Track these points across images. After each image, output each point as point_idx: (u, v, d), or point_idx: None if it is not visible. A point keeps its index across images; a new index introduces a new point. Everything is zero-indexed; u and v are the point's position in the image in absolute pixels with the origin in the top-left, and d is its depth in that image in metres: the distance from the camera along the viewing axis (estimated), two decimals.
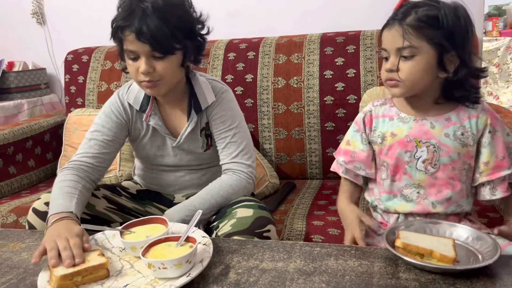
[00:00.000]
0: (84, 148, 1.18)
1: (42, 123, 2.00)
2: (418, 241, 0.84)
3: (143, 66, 1.07)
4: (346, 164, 1.08)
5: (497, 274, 0.78)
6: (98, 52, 2.07)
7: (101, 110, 1.25)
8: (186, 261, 0.80)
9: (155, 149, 1.26)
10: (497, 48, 4.09)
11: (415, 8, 0.96)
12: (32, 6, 2.36)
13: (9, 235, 1.08)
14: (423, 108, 1.03)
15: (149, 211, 1.28)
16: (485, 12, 3.92)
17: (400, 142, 1.02)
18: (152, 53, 1.07)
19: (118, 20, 1.08)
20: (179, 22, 1.07)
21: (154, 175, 1.32)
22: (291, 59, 1.76)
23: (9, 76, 2.25)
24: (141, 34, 1.03)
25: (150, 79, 1.09)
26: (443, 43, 0.94)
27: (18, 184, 1.85)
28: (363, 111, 1.10)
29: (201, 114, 1.22)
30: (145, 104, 1.22)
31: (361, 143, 1.08)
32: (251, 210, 1.05)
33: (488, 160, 1.00)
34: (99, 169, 1.18)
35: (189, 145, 1.24)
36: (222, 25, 2.05)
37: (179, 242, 0.86)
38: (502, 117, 1.47)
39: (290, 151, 1.77)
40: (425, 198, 1.02)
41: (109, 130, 1.20)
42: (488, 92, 4.20)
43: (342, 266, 0.84)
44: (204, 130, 1.24)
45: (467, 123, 1.00)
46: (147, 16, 1.03)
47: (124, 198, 1.27)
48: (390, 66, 0.97)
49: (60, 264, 0.84)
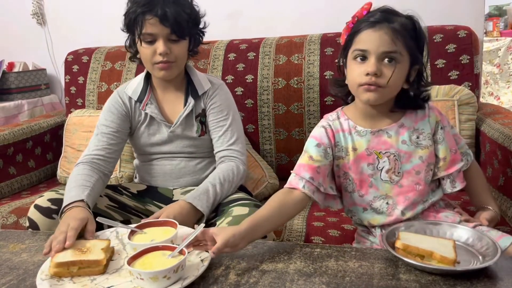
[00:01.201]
0: (93, 142, 1.27)
1: (42, 124, 2.00)
2: (418, 242, 0.84)
3: (161, 47, 1.19)
4: (313, 181, 0.99)
5: (498, 275, 0.78)
6: (98, 53, 2.07)
7: (102, 109, 1.33)
8: (163, 276, 0.77)
9: (151, 136, 1.33)
10: (498, 48, 4.09)
11: (395, 15, 0.95)
12: (33, 6, 2.35)
13: (9, 236, 1.08)
14: (378, 119, 1.02)
15: (149, 209, 1.30)
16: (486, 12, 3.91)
17: (361, 155, 1.02)
18: (169, 36, 1.20)
19: (139, 7, 1.18)
20: (191, 12, 1.23)
21: (151, 166, 1.36)
22: (291, 60, 1.76)
23: (9, 77, 2.25)
24: (164, 18, 1.16)
25: (167, 59, 1.20)
26: (416, 55, 0.96)
27: (18, 184, 1.85)
28: (321, 126, 1.05)
29: (197, 100, 1.31)
30: (142, 94, 1.31)
31: (325, 158, 1.02)
32: (246, 209, 1.09)
33: (445, 156, 1.02)
34: (110, 160, 1.26)
35: (183, 130, 1.31)
36: (222, 26, 2.06)
37: (172, 253, 0.83)
38: (503, 118, 1.47)
39: (290, 151, 1.77)
40: (395, 208, 1.02)
41: (112, 122, 1.29)
42: (489, 92, 4.20)
43: (342, 267, 0.83)
44: (199, 117, 1.32)
45: (419, 124, 1.02)
46: (168, 2, 1.17)
47: (126, 196, 1.30)
48: (374, 69, 0.92)
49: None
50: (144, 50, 1.22)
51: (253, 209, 1.08)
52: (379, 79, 0.93)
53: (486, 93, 4.19)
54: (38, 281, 0.82)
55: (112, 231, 1.03)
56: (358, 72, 0.95)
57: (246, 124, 1.78)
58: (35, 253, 0.98)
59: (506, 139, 1.28)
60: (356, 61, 0.96)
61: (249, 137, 1.79)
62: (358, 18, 0.97)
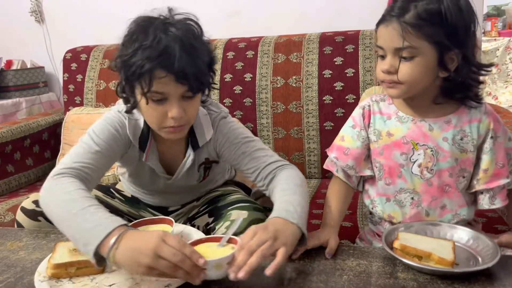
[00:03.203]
0: (86, 157, 1.00)
1: (40, 122, 1.99)
2: (417, 243, 0.83)
3: (175, 110, 0.92)
4: (337, 161, 1.01)
5: (496, 275, 0.78)
6: (97, 51, 2.06)
7: (101, 120, 1.08)
8: (227, 262, 0.77)
9: (148, 180, 1.17)
10: (496, 48, 4.10)
11: (414, 2, 0.87)
12: (31, 4, 2.35)
13: (7, 234, 1.08)
14: (422, 109, 0.95)
15: (143, 215, 1.23)
16: (484, 12, 3.93)
17: (396, 143, 0.97)
18: (185, 94, 0.93)
19: (149, 60, 0.88)
20: (210, 60, 0.97)
21: (144, 195, 1.26)
22: (290, 59, 1.76)
23: (7, 75, 2.24)
24: (182, 76, 0.89)
25: (180, 123, 0.96)
26: (444, 42, 0.86)
27: (16, 182, 1.85)
28: (361, 106, 1.04)
29: (199, 150, 1.11)
30: (143, 143, 1.08)
31: (357, 139, 1.00)
32: (245, 212, 1.05)
33: (487, 168, 0.93)
34: (96, 181, 1.03)
35: (184, 182, 1.16)
36: (221, 24, 2.06)
37: (220, 243, 0.83)
38: (501, 117, 1.46)
39: (289, 150, 1.77)
40: (419, 205, 0.97)
41: (108, 145, 1.03)
42: (487, 92, 4.21)
43: (340, 266, 0.83)
44: (203, 164, 1.15)
45: (467, 127, 0.93)
46: (185, 53, 0.88)
47: (118, 200, 1.23)
48: (387, 68, 0.90)
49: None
50: (150, 110, 0.95)
51: (252, 212, 1.05)
52: (394, 76, 0.90)
53: (484, 93, 4.19)
54: (37, 282, 0.81)
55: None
56: (378, 69, 0.94)
57: (245, 123, 1.78)
58: (32, 251, 0.97)
59: None
60: (379, 57, 0.95)
61: None
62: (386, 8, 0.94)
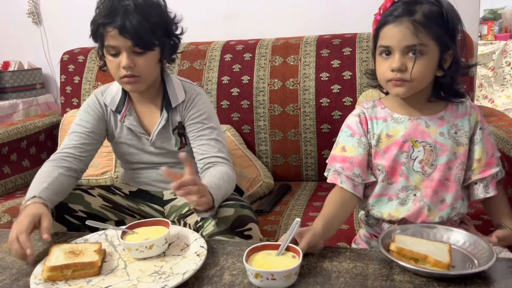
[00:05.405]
0: (65, 141, 1.23)
1: (37, 123, 1.99)
2: (413, 245, 0.84)
3: (124, 61, 1.12)
4: (343, 171, 1.01)
5: (492, 277, 0.78)
6: (94, 53, 2.06)
7: (79, 109, 1.30)
8: (295, 273, 0.78)
9: (132, 148, 1.29)
10: (492, 51, 4.12)
11: (418, 4, 0.93)
12: (28, 5, 2.35)
13: (3, 235, 1.08)
14: (417, 108, 1.01)
15: (142, 209, 1.30)
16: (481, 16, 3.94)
17: (396, 143, 1.00)
18: (133, 49, 1.12)
19: (100, 18, 1.12)
20: (158, 20, 1.14)
21: (136, 174, 1.34)
22: (287, 61, 1.77)
23: (4, 76, 2.24)
24: (124, 30, 1.09)
25: (131, 73, 1.14)
26: (447, 42, 0.93)
27: (12, 184, 1.84)
28: (355, 114, 1.06)
29: (172, 112, 1.25)
30: (120, 105, 1.26)
31: (359, 146, 1.02)
32: (232, 209, 1.07)
33: (480, 157, 1.00)
34: (81, 159, 1.21)
35: (162, 143, 1.27)
36: (218, 27, 2.07)
37: (279, 251, 0.83)
38: (497, 120, 1.48)
39: (286, 152, 1.77)
40: (421, 201, 0.99)
41: (88, 122, 1.24)
42: (483, 95, 4.22)
43: (337, 268, 0.84)
44: (177, 129, 1.26)
45: (459, 121, 1.00)
46: (129, 13, 1.09)
47: (119, 196, 1.29)
48: (398, 65, 0.93)
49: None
50: (109, 63, 1.17)
51: (238, 209, 1.07)
52: (404, 74, 0.94)
53: (481, 96, 4.21)
54: (33, 285, 0.81)
55: (101, 234, 1.01)
56: (384, 68, 0.97)
57: (242, 125, 1.79)
58: None
59: (500, 141, 1.29)
60: (382, 57, 0.97)
61: (245, 138, 1.79)
62: (383, 11, 0.97)
